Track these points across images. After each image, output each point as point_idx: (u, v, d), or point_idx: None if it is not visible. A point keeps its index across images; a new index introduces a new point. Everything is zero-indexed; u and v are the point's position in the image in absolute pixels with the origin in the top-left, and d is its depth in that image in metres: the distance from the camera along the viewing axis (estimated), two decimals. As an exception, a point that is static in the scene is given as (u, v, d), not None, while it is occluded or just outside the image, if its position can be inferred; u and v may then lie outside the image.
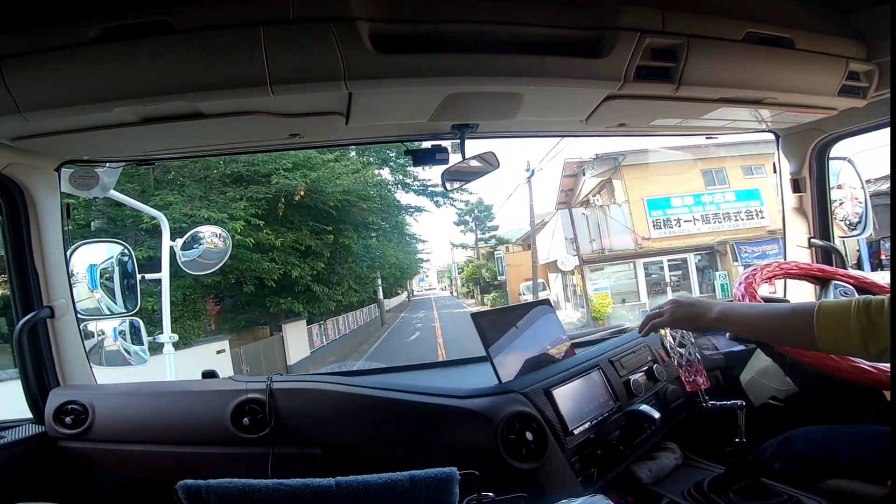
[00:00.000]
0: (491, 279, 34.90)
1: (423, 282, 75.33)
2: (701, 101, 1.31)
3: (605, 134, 1.69)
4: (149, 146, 1.38)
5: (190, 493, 0.73)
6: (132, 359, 1.90)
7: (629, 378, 1.42)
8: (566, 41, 1.08)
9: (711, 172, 16.37)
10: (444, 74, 1.05)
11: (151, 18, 0.91)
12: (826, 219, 1.85)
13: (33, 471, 1.31)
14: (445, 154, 1.49)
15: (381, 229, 16.28)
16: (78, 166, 1.48)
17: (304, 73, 0.97)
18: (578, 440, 1.23)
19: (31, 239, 1.37)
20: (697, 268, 16.77)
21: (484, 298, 32.76)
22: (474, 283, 40.99)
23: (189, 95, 0.99)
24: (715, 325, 1.17)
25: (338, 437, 1.27)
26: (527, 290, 23.15)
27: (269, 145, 1.58)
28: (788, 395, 1.42)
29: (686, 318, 1.20)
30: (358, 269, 15.82)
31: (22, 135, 1.14)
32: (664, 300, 1.32)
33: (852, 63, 1.30)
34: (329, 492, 0.73)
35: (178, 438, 1.32)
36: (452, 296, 56.16)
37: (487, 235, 38.91)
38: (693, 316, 1.18)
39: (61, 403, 1.35)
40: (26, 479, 1.30)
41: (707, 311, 1.16)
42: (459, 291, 52.80)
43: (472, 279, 42.25)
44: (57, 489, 1.32)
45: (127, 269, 1.84)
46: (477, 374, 1.57)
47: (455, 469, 0.75)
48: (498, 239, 37.60)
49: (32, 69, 0.94)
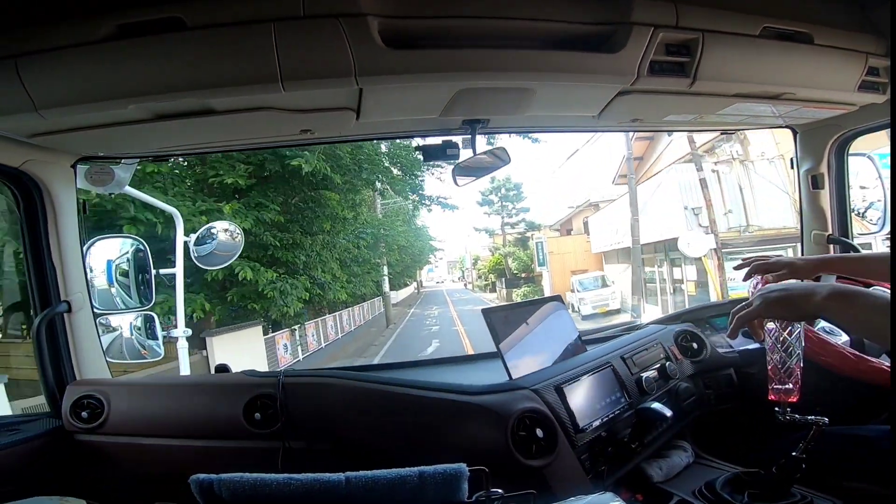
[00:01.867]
0: (519, 270, 29.60)
1: (431, 272, 73.15)
2: (716, 97, 1.29)
3: (617, 129, 1.67)
4: (162, 142, 1.39)
5: (202, 487, 0.74)
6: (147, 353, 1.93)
7: (641, 376, 1.40)
8: (578, 36, 1.07)
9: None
10: (454, 70, 1.05)
11: (164, 16, 0.92)
12: (845, 215, 1.82)
13: (50, 464, 1.34)
14: (456, 150, 1.48)
15: (394, 181, 12.77)
16: (94, 162, 1.50)
17: (315, 70, 0.97)
18: (589, 437, 1.22)
19: (48, 234, 1.40)
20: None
21: (512, 294, 26.15)
22: (498, 275, 34.33)
23: (201, 92, 1.00)
24: (823, 311, 0.92)
25: (348, 432, 1.28)
26: (581, 286, 17.93)
27: (280, 141, 1.59)
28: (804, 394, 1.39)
29: (783, 303, 0.95)
30: (353, 250, 12.64)
31: (39, 132, 1.16)
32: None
33: (872, 58, 1.27)
34: (339, 486, 0.73)
35: (192, 432, 1.34)
36: (466, 288, 51.15)
37: (516, 219, 33.76)
38: (793, 299, 0.94)
39: (78, 397, 1.37)
40: (43, 472, 1.32)
41: (812, 293, 0.92)
42: (475, 284, 47.11)
43: (494, 270, 35.50)
44: (73, 482, 1.34)
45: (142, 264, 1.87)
46: (488, 370, 1.57)
47: (464, 465, 0.75)
48: (528, 223, 32.92)
49: (48, 67, 0.95)
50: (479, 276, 44.98)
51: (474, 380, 1.32)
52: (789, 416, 1.05)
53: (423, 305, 31.88)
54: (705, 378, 1.56)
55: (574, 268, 20.71)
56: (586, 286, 18.00)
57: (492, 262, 36.37)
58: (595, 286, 18.00)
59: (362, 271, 15.62)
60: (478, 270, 46.43)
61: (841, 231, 1.82)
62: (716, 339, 1.66)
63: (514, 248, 31.50)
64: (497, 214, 34.45)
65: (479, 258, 46.81)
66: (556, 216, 28.84)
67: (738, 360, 1.61)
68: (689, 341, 1.62)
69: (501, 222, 34.27)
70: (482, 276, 42.87)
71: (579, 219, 24.01)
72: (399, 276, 30.30)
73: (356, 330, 18.46)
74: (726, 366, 1.59)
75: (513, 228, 33.77)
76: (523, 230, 32.98)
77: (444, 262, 76.32)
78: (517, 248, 31.26)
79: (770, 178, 10.68)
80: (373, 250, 15.12)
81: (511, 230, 33.73)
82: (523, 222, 33.38)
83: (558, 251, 22.45)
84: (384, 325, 20.01)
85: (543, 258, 22.42)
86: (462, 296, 39.44)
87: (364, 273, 16.13)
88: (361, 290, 16.73)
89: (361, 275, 15.59)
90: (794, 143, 1.86)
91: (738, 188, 11.18)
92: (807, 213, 1.87)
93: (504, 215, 34.02)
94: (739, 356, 1.62)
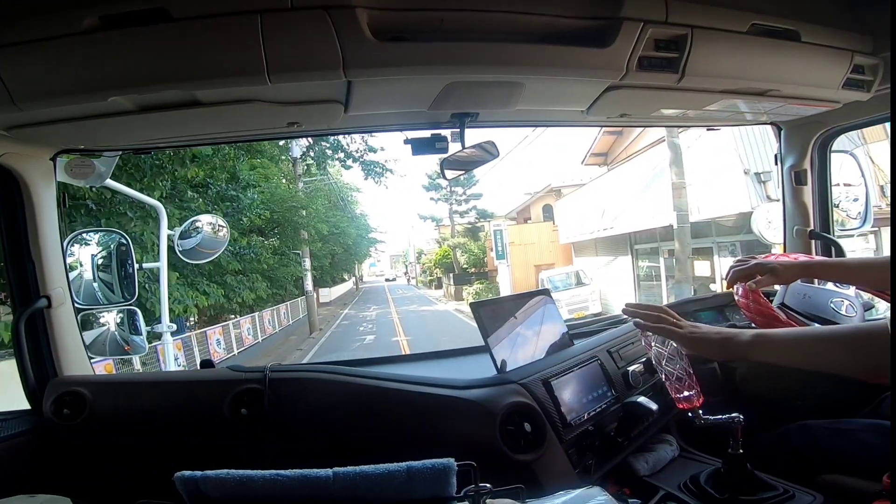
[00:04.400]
0: (470, 264, 26.60)
1: (374, 266, 71.20)
2: (704, 92, 1.30)
3: (606, 124, 1.68)
4: (146, 135, 1.37)
5: (187, 484, 0.73)
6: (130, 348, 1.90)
7: (627, 369, 1.42)
8: (568, 30, 1.07)
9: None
10: (444, 63, 1.04)
11: (148, 6, 0.90)
12: (827, 212, 1.85)
13: (31, 462, 1.31)
14: (445, 143, 1.47)
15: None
16: (74, 155, 1.46)
17: (302, 62, 0.96)
18: (576, 431, 1.23)
19: (27, 229, 1.36)
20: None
21: (462, 292, 22.99)
22: (445, 270, 30.37)
23: (186, 84, 0.98)
24: (749, 353, 1.01)
25: (335, 428, 1.27)
26: (552, 284, 14.30)
27: (267, 133, 1.57)
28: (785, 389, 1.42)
29: (706, 345, 1.06)
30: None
31: (16, 124, 1.13)
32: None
33: (857, 56, 1.29)
34: (327, 482, 0.73)
35: (176, 428, 1.32)
36: (410, 284, 48.62)
37: (466, 207, 29.89)
38: (718, 343, 1.04)
39: (59, 394, 1.35)
40: (24, 470, 1.30)
41: (735, 337, 1.02)
42: (420, 280, 43.73)
43: (441, 264, 31.14)
44: (55, 480, 1.32)
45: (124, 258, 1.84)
46: (475, 364, 1.57)
47: (452, 460, 0.75)
48: (480, 212, 29.61)
49: (27, 59, 0.93)
50: (424, 270, 41.21)
51: (462, 374, 1.32)
52: (704, 420, 1.12)
53: (359, 305, 28.19)
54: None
55: (538, 261, 18.36)
56: (558, 285, 14.66)
57: (438, 256, 32.22)
58: (568, 285, 15.03)
59: (274, 264, 13.22)
60: (422, 265, 42.59)
61: (823, 227, 1.85)
62: None
63: (464, 240, 28.42)
64: (445, 201, 30.75)
65: (424, 252, 43.11)
66: (511, 204, 26.03)
67: None
68: None
69: (450, 210, 30.63)
70: (427, 270, 39.20)
71: (538, 206, 21.76)
72: (330, 270, 26.76)
73: (264, 342, 14.65)
74: (710, 360, 1.61)
75: (462, 217, 30.26)
76: (474, 219, 29.70)
77: (387, 255, 74.73)
78: (467, 240, 28.26)
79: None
80: (282, 238, 12.76)
81: (460, 220, 30.29)
82: (474, 210, 29.90)
83: (520, 241, 19.67)
84: (308, 332, 16.63)
85: (503, 250, 19.12)
86: (405, 292, 36.39)
87: (279, 266, 13.64)
88: (264, 291, 13.12)
89: (261, 271, 12.68)
90: (777, 139, 1.88)
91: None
92: (789, 208, 1.90)
93: (452, 202, 30.41)
94: None
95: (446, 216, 31.52)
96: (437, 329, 15.31)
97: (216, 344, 11.79)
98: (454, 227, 30.60)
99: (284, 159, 14.25)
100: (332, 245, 19.73)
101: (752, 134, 8.45)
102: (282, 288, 15.49)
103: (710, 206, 9.76)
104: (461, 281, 26.17)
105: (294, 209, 13.31)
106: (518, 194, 24.94)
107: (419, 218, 35.23)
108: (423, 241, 43.40)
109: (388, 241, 54.99)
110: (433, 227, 34.68)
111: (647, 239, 13.10)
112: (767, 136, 7.44)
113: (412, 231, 47.27)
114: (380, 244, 40.29)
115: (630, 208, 12.22)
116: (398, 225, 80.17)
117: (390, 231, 78.71)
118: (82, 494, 1.28)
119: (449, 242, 30.10)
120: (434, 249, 35.54)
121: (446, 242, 30.93)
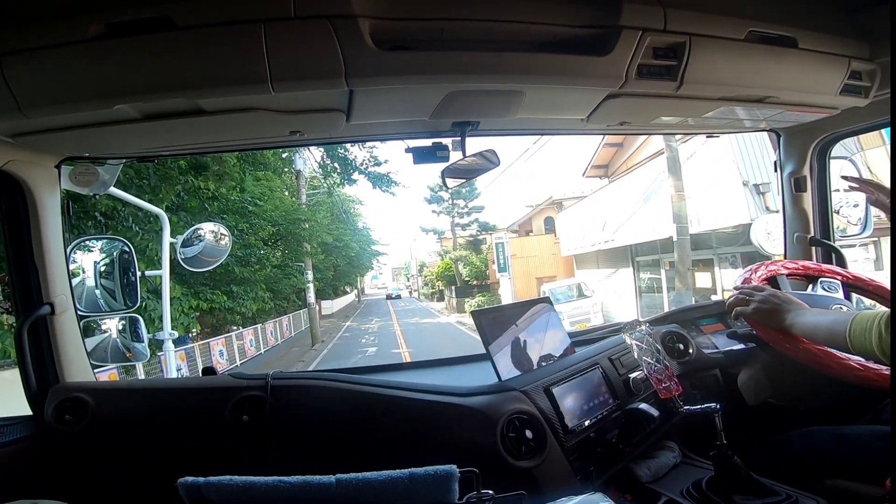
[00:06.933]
0: (472, 277, 26.95)
1: (376, 279, 71.12)
2: (703, 100, 1.31)
3: (606, 132, 1.69)
4: (149, 143, 1.38)
5: (190, 491, 0.73)
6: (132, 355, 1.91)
7: (629, 376, 1.41)
8: (567, 39, 1.07)
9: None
10: (445, 72, 1.05)
11: (153, 15, 0.91)
12: (827, 218, 1.85)
13: (33, 468, 1.31)
14: (446, 152, 1.48)
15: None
16: (78, 163, 1.48)
17: (305, 71, 0.97)
18: (578, 438, 1.23)
19: (31, 236, 1.37)
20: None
21: (464, 304, 22.74)
22: (447, 283, 30.96)
23: (190, 92, 0.99)
24: (790, 327, 1.23)
25: (337, 435, 1.27)
26: (553, 296, 13.77)
27: (269, 142, 1.58)
28: (787, 395, 1.42)
29: (768, 314, 1.27)
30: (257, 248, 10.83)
31: (22, 131, 1.14)
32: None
33: (854, 62, 1.29)
34: (329, 489, 0.73)
35: (178, 435, 1.32)
36: (412, 297, 48.68)
37: (468, 220, 29.76)
38: (773, 313, 1.26)
39: (61, 400, 1.35)
40: (26, 476, 1.30)
41: (785, 312, 1.25)
42: (421, 292, 44.02)
43: (443, 276, 31.99)
44: (56, 486, 1.32)
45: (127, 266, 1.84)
46: (477, 371, 1.57)
47: (455, 467, 0.75)
48: (482, 224, 29.44)
49: (33, 66, 0.93)
50: (426, 283, 41.70)
51: (464, 381, 1.32)
52: (686, 409, 1.27)
53: (361, 318, 28.07)
54: (692, 379, 1.57)
55: (540, 274, 18.63)
56: (559, 297, 14.75)
57: (440, 268, 32.97)
58: (570, 297, 15.16)
59: (278, 275, 13.51)
60: (424, 277, 43.23)
61: (823, 233, 1.85)
62: (702, 341, 1.68)
63: (466, 252, 28.70)
64: (447, 214, 30.61)
65: (426, 264, 43.49)
66: (512, 217, 26.12)
67: (723, 361, 1.63)
68: (676, 342, 1.63)
69: (452, 223, 30.49)
70: (428, 283, 39.50)
71: (539, 218, 21.94)
72: (333, 282, 27.06)
73: (266, 353, 14.83)
74: (712, 367, 1.61)
75: (464, 230, 30.19)
76: (476, 232, 29.71)
77: (389, 268, 74.26)
78: (469, 252, 28.58)
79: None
80: (282, 249, 13.00)
81: (462, 232, 30.18)
82: (476, 222, 29.85)
83: (522, 254, 20.04)
84: (310, 343, 16.46)
85: (505, 262, 19.20)
86: (407, 305, 36.29)
87: (283, 277, 14.03)
88: (264, 303, 13.46)
89: (268, 281, 13.09)
90: (776, 146, 1.89)
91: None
92: (790, 215, 1.90)
93: (454, 215, 30.23)
94: (725, 357, 1.64)
95: (448, 229, 31.53)
96: (438, 341, 15.33)
97: (219, 355, 11.90)
98: (456, 239, 30.71)
99: (287, 171, 14.37)
100: (334, 257, 19.83)
101: (750, 145, 8.54)
102: (284, 299, 15.62)
103: (710, 218, 9.80)
104: (463, 293, 26.27)
105: (297, 221, 13.54)
106: (520, 207, 25.19)
107: (421, 230, 35.83)
108: (426, 253, 43.54)
109: (389, 253, 54.95)
110: (435, 239, 34.96)
111: (648, 251, 13.10)
112: (765, 146, 7.64)
113: (414, 243, 47.21)
114: (382, 256, 40.28)
115: (631, 220, 12.28)
116: (400, 237, 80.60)
117: (392, 243, 78.32)
118: (83, 499, 1.28)
119: (451, 255, 30.34)
120: (436, 262, 35.66)
121: (448, 255, 31.20)
